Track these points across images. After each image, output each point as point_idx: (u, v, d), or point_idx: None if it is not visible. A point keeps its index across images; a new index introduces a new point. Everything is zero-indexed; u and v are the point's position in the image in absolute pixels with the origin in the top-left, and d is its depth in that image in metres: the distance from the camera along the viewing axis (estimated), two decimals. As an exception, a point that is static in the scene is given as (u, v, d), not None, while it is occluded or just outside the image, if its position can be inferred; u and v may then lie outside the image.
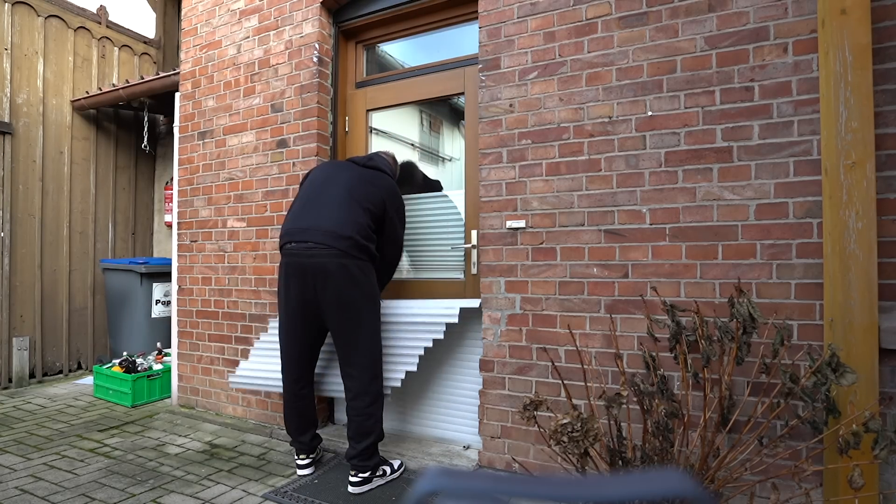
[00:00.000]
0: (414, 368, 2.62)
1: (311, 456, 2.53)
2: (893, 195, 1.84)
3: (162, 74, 4.14)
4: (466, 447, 2.76)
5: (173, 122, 3.80)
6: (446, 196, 2.98)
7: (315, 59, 3.10)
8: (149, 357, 4.01)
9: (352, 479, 2.34)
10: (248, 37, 3.37)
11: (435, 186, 3.11)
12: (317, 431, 2.60)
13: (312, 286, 2.33)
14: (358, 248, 2.35)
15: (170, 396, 3.82)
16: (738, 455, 1.71)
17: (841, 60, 1.79)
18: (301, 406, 2.51)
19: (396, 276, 3.11)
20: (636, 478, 0.45)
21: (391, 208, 2.53)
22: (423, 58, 3.13)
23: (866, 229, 1.76)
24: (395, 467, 2.49)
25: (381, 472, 2.41)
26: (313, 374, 2.57)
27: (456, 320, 2.58)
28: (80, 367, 4.61)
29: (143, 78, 4.22)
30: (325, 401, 3.09)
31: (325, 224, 2.34)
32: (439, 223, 2.98)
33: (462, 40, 2.96)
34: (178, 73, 3.76)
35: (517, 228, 2.46)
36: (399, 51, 3.30)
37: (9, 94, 4.07)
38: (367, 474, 2.34)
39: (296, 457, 2.54)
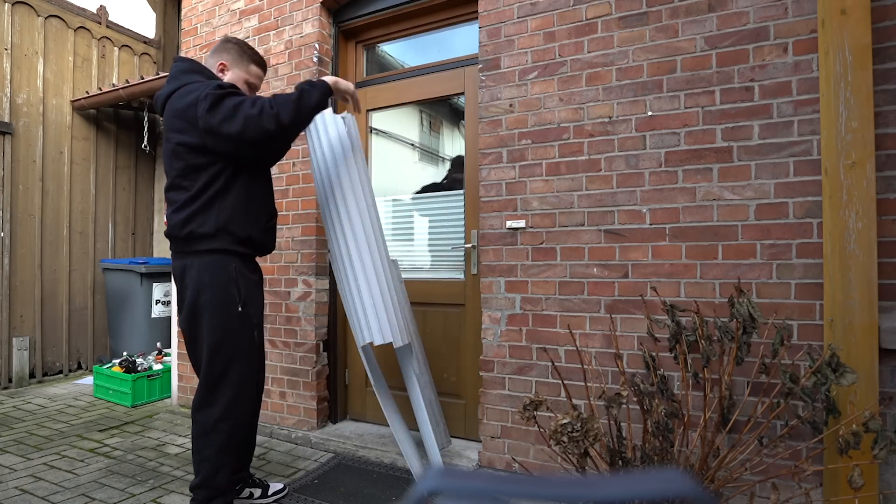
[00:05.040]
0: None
1: (258, 484, 2.28)
2: (893, 195, 1.84)
3: (162, 74, 4.14)
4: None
5: (173, 122, 3.80)
6: (448, 195, 2.98)
7: (315, 59, 3.10)
8: (149, 357, 4.01)
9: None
10: (248, 37, 3.37)
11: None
12: None
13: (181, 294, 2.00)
14: (197, 240, 1.92)
15: (170, 396, 3.82)
16: (738, 455, 1.71)
17: (841, 60, 1.79)
18: (252, 436, 2.26)
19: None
20: (636, 478, 0.45)
21: (197, 129, 1.84)
22: (424, 58, 3.13)
23: (866, 229, 1.76)
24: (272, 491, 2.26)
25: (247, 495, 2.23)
26: None
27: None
28: (80, 367, 4.61)
29: (143, 78, 4.22)
30: (325, 400, 3.09)
31: (168, 224, 1.99)
32: (439, 223, 2.98)
33: (462, 40, 2.96)
34: (178, 73, 3.75)
35: (517, 228, 2.46)
36: (399, 51, 3.30)
37: (9, 94, 4.07)
38: None
39: (253, 497, 2.24)
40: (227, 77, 2.08)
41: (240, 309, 1.95)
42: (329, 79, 2.07)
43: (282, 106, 1.86)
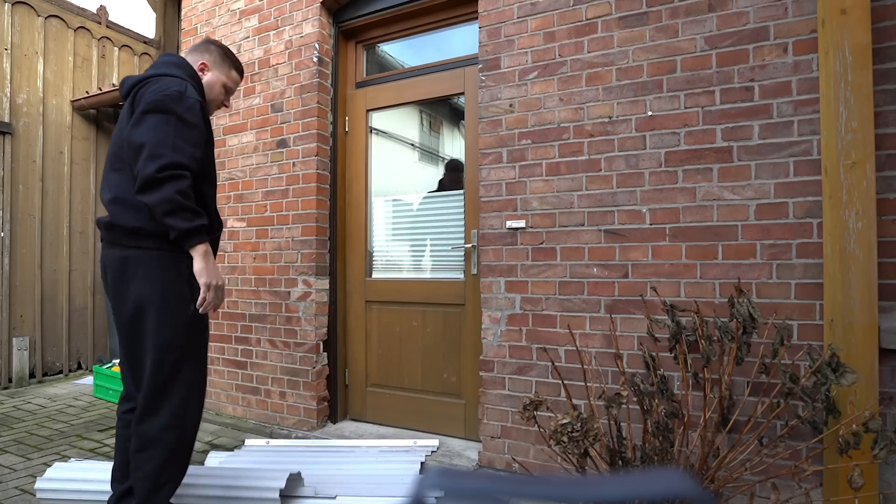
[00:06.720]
0: None
1: None
2: (893, 195, 1.84)
3: (162, 74, 4.14)
4: None
5: (173, 122, 3.80)
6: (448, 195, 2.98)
7: (315, 59, 3.10)
8: (149, 357, 4.00)
9: None
10: (248, 37, 3.37)
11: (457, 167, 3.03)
12: None
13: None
14: (147, 235, 1.79)
15: (170, 396, 3.82)
16: (738, 455, 1.71)
17: (841, 60, 1.79)
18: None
19: (396, 275, 3.12)
20: (636, 478, 0.45)
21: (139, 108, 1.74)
22: (423, 58, 3.13)
23: (866, 229, 1.76)
24: None
25: None
26: None
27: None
28: (80, 367, 4.61)
29: (143, 78, 4.22)
30: (325, 399, 3.09)
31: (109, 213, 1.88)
32: (439, 223, 2.98)
33: (462, 40, 2.96)
34: (178, 73, 3.76)
35: (517, 228, 2.46)
36: (399, 51, 3.30)
37: (9, 94, 4.07)
38: None
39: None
40: (207, 77, 2.04)
41: (193, 307, 1.82)
42: (201, 249, 1.78)
43: (183, 212, 1.70)
